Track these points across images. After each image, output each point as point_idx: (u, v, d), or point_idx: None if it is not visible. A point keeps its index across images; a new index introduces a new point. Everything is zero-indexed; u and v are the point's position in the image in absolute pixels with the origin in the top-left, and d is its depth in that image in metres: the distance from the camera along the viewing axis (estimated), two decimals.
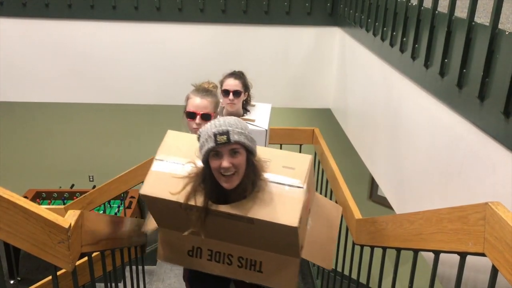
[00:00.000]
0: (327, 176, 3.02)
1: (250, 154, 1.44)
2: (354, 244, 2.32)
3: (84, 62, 3.74)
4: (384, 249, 1.88)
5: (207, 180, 1.46)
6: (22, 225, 1.23)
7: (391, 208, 2.34)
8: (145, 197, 1.51)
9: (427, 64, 1.85)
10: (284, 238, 1.49)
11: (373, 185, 5.17)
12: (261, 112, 2.54)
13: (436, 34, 1.78)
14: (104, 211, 4.50)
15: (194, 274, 1.92)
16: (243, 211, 1.43)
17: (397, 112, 2.29)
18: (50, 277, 1.86)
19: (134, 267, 2.79)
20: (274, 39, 3.70)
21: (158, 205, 1.54)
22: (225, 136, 1.36)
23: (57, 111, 5.93)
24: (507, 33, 1.31)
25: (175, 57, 3.73)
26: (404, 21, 2.10)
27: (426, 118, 1.92)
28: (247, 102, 2.59)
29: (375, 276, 2.01)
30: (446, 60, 1.69)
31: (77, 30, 3.63)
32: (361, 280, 2.30)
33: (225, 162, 1.37)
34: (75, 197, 4.53)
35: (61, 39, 3.66)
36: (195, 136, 1.49)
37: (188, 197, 1.45)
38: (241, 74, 2.52)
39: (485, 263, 1.13)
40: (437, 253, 1.40)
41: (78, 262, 1.47)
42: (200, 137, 1.43)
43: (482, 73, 1.40)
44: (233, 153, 1.38)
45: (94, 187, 4.04)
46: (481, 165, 1.47)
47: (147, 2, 3.52)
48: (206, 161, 1.42)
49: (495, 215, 1.05)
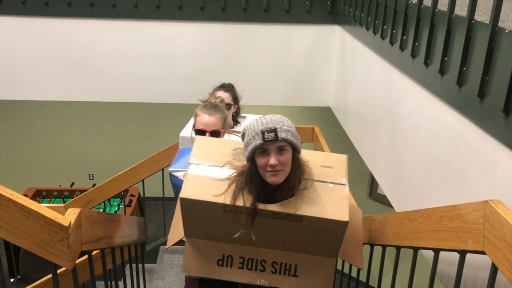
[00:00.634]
0: None
1: (296, 152, 1.42)
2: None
3: (84, 61, 3.74)
4: (384, 247, 1.88)
5: (253, 179, 1.43)
6: (22, 224, 1.23)
7: (391, 206, 2.34)
8: (186, 202, 1.45)
9: (427, 62, 1.85)
10: (330, 235, 1.47)
11: (373, 183, 5.16)
12: None
13: (436, 32, 1.78)
14: (104, 210, 4.50)
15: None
16: (292, 209, 1.41)
17: (397, 111, 2.29)
18: (50, 275, 1.86)
19: (134, 265, 2.79)
20: (274, 37, 3.69)
21: (197, 211, 1.48)
22: (273, 134, 1.35)
23: (57, 110, 5.94)
24: (507, 31, 1.31)
25: (175, 56, 3.73)
26: (404, 19, 2.10)
27: (426, 116, 1.92)
28: (237, 114, 2.61)
29: (375, 275, 2.01)
30: (446, 58, 1.68)
31: (77, 29, 3.63)
32: (361, 278, 2.30)
33: (273, 159, 1.36)
34: (75, 196, 4.53)
35: (61, 38, 3.65)
36: (224, 140, 1.46)
37: (235, 198, 1.42)
38: (231, 87, 2.54)
39: (485, 261, 1.13)
40: (437, 251, 1.40)
41: (78, 260, 1.47)
42: (245, 135, 1.41)
43: (482, 71, 1.40)
44: (280, 151, 1.37)
45: (94, 186, 4.04)
46: (481, 163, 1.47)
47: (147, 0, 3.52)
48: (252, 159, 1.40)
49: (495, 213, 1.06)
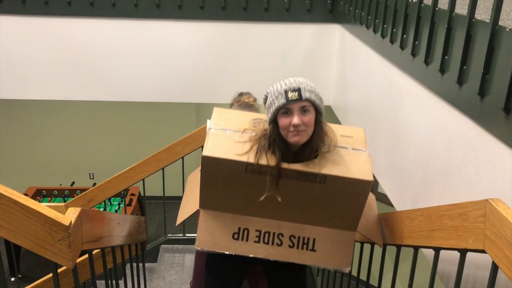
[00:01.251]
0: None
1: (319, 114, 1.41)
2: (354, 241, 2.32)
3: (84, 60, 3.73)
4: (384, 246, 1.88)
5: (276, 141, 1.41)
6: (23, 223, 1.23)
7: (391, 205, 2.34)
8: (208, 161, 1.40)
9: (427, 61, 1.85)
10: (353, 200, 1.44)
11: (373, 182, 5.15)
12: None
13: (436, 31, 1.78)
14: (105, 209, 4.50)
15: (212, 266, 1.86)
16: (316, 168, 1.38)
17: (397, 109, 2.29)
18: (51, 275, 1.86)
19: (135, 265, 2.79)
20: (274, 36, 3.69)
21: (218, 172, 1.43)
22: (297, 93, 1.34)
23: (57, 109, 5.94)
24: (508, 30, 1.31)
25: (175, 55, 3.72)
26: (405, 18, 2.10)
27: (426, 115, 1.92)
28: None
29: (375, 273, 2.01)
30: (446, 57, 1.68)
31: (77, 28, 3.63)
32: (361, 277, 2.31)
33: (296, 119, 1.35)
34: (76, 195, 4.53)
35: (61, 37, 3.65)
36: (242, 112, 1.45)
37: (259, 157, 1.39)
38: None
39: (485, 260, 1.13)
40: (437, 250, 1.40)
41: (79, 260, 1.47)
42: (268, 97, 1.40)
43: (483, 70, 1.40)
44: (303, 111, 1.36)
45: (95, 185, 4.05)
46: (481, 162, 1.47)
47: None
48: (274, 120, 1.39)
49: (495, 212, 1.05)
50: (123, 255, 2.37)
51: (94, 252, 1.75)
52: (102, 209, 4.12)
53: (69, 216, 1.35)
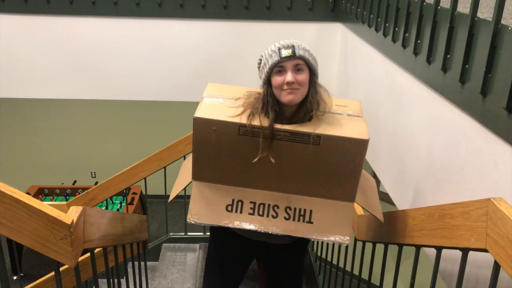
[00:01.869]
0: None
1: (313, 76, 1.40)
2: (356, 240, 2.32)
3: (86, 59, 3.74)
4: (386, 245, 1.88)
5: (269, 101, 1.40)
6: (25, 221, 1.24)
7: (393, 204, 2.34)
8: (199, 123, 1.36)
9: (430, 60, 1.84)
10: (350, 162, 1.40)
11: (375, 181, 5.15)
12: None
13: (439, 30, 1.78)
14: (106, 207, 4.51)
15: (220, 252, 1.79)
16: (310, 129, 1.36)
17: (399, 108, 2.29)
18: (53, 273, 1.87)
19: (137, 263, 2.79)
20: (276, 35, 3.67)
21: (211, 136, 1.38)
22: (290, 50, 1.34)
23: (59, 108, 5.95)
24: (510, 29, 1.30)
25: (177, 53, 3.73)
26: (407, 17, 2.10)
27: (428, 114, 1.92)
28: None
29: (377, 272, 2.01)
30: (449, 56, 1.68)
31: (79, 27, 3.63)
32: (363, 276, 2.30)
33: (290, 76, 1.34)
34: (78, 194, 4.54)
35: (62, 36, 3.65)
36: (235, 86, 1.49)
37: (252, 119, 1.37)
38: None
39: (487, 259, 1.13)
40: (439, 249, 1.40)
41: (81, 258, 1.47)
42: (262, 59, 1.42)
43: (485, 69, 1.40)
44: (297, 70, 1.36)
45: (96, 184, 4.05)
46: (484, 161, 1.47)
47: None
48: (268, 80, 1.39)
49: (498, 211, 1.05)
50: (125, 254, 2.37)
51: (96, 251, 1.75)
52: (104, 208, 4.12)
53: (71, 215, 1.35)
